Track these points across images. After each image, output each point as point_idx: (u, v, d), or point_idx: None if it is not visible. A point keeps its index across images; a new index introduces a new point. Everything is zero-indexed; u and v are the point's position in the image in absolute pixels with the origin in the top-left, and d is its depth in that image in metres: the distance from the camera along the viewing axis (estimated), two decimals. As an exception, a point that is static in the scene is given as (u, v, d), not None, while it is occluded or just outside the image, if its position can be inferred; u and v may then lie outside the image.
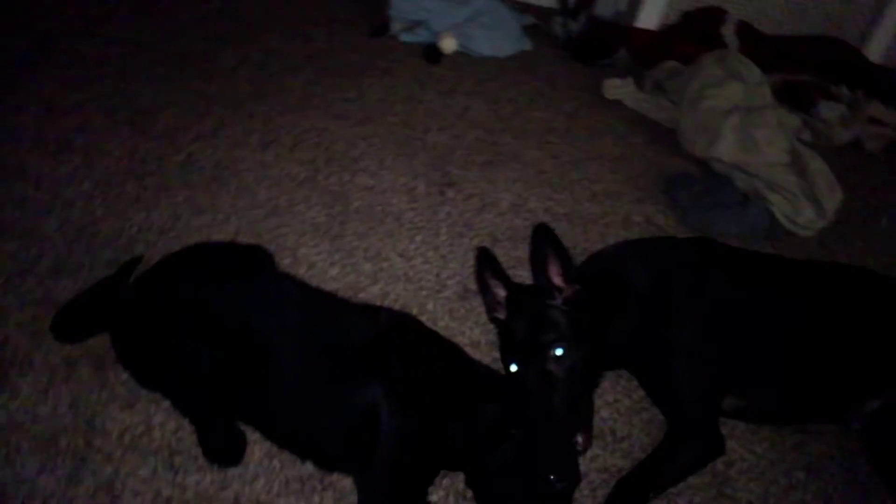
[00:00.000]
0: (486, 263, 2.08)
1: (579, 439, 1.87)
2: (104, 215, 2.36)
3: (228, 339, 1.74)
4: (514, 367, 1.94)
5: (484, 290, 2.14)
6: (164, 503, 1.66)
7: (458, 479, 1.82)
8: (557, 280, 1.98)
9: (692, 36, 4.11)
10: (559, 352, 1.87)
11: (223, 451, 1.77)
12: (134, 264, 2.07)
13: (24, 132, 2.61)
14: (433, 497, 1.79)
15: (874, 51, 4.63)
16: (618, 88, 3.72)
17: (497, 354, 2.20)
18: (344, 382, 1.73)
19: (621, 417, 2.09)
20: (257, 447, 1.81)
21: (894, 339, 2.02)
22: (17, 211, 2.30)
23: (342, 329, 1.81)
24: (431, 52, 3.68)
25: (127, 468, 1.71)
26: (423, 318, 2.26)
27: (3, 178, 2.40)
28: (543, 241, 1.98)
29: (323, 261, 2.39)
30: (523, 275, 2.35)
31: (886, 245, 3.12)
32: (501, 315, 2.06)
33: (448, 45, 3.71)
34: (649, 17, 4.29)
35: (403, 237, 2.56)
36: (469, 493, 1.79)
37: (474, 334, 2.26)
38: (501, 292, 2.08)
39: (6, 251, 2.15)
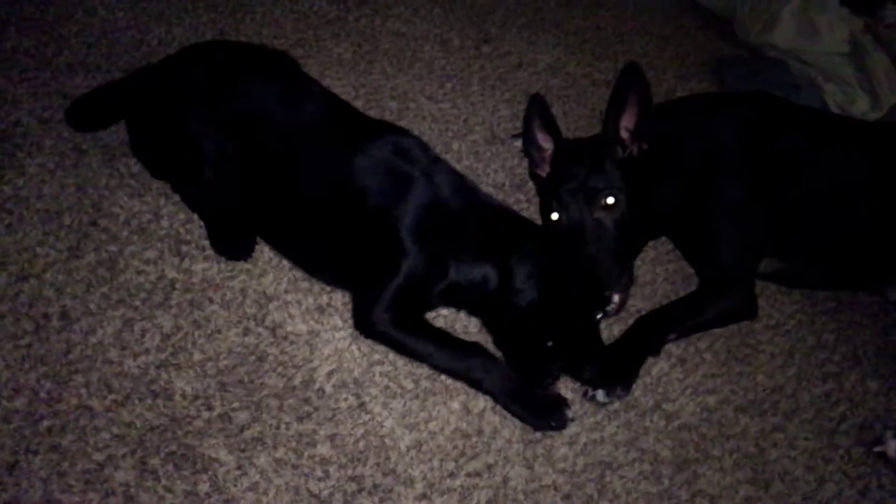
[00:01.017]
0: (538, 111, 1.89)
1: (615, 298, 1.75)
2: (126, 26, 2.27)
3: (242, 129, 1.65)
4: (556, 215, 1.76)
5: (530, 142, 1.96)
6: (168, 284, 1.61)
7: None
8: (625, 133, 1.79)
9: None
10: (611, 200, 1.71)
11: (232, 245, 1.70)
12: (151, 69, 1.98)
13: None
14: (438, 321, 1.72)
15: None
16: (673, -28, 3.50)
17: (521, 197, 2.12)
18: (355, 196, 1.62)
19: (646, 265, 2.00)
20: (267, 248, 1.74)
21: None
22: (39, 11, 2.21)
23: (359, 143, 1.66)
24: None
25: (132, 249, 1.66)
26: (448, 157, 2.16)
27: (25, -19, 2.31)
28: (630, 82, 1.75)
29: (347, 94, 2.28)
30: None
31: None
32: (544, 172, 1.93)
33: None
34: None
35: (433, 83, 2.44)
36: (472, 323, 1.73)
37: (499, 177, 2.16)
38: (549, 146, 1.89)
39: (24, 46, 2.08)
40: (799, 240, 1.92)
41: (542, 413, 1.55)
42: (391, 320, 1.57)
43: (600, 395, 1.63)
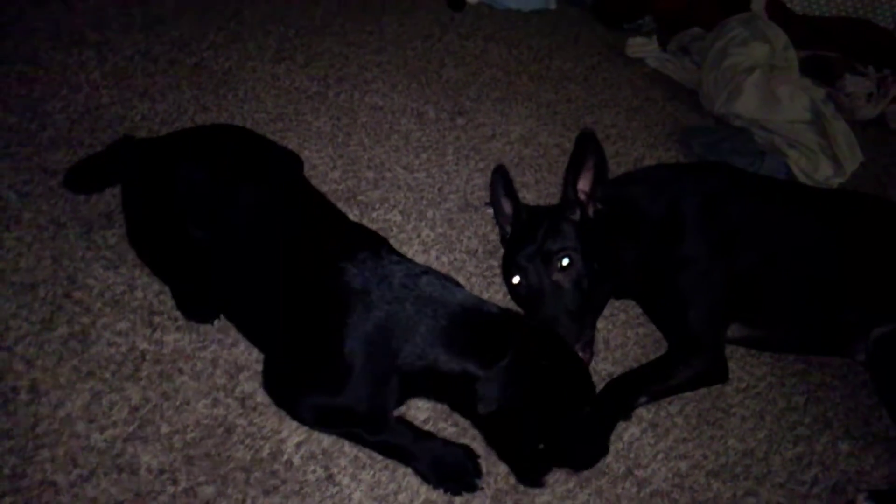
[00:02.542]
0: (501, 180, 2.01)
1: (580, 354, 1.80)
2: (110, 102, 2.34)
3: (222, 225, 1.65)
4: (516, 279, 1.87)
5: (498, 210, 2.08)
6: (139, 356, 1.62)
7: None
8: (583, 195, 1.91)
9: (720, 5, 4.04)
10: (566, 261, 1.80)
11: (198, 307, 1.72)
12: (127, 141, 2.03)
13: (41, 25, 2.60)
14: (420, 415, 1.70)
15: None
16: (641, 47, 3.66)
17: (493, 263, 2.16)
18: (315, 310, 1.55)
19: (616, 329, 2.02)
20: (239, 317, 1.76)
21: None
22: (24, 89, 2.28)
23: (330, 262, 1.55)
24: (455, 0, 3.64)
25: (104, 321, 1.67)
26: (422, 225, 2.23)
27: (13, 61, 2.39)
28: (587, 148, 1.88)
29: (325, 164, 2.35)
30: (529, 200, 2.30)
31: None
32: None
33: (472, -8, 3.67)
34: (678, -14, 4.21)
35: (409, 153, 2.52)
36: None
37: (472, 244, 2.21)
38: (511, 212, 2.03)
39: (7, 123, 2.14)
40: (763, 305, 1.96)
41: (452, 476, 1.53)
42: (313, 422, 1.57)
43: (571, 461, 1.63)
